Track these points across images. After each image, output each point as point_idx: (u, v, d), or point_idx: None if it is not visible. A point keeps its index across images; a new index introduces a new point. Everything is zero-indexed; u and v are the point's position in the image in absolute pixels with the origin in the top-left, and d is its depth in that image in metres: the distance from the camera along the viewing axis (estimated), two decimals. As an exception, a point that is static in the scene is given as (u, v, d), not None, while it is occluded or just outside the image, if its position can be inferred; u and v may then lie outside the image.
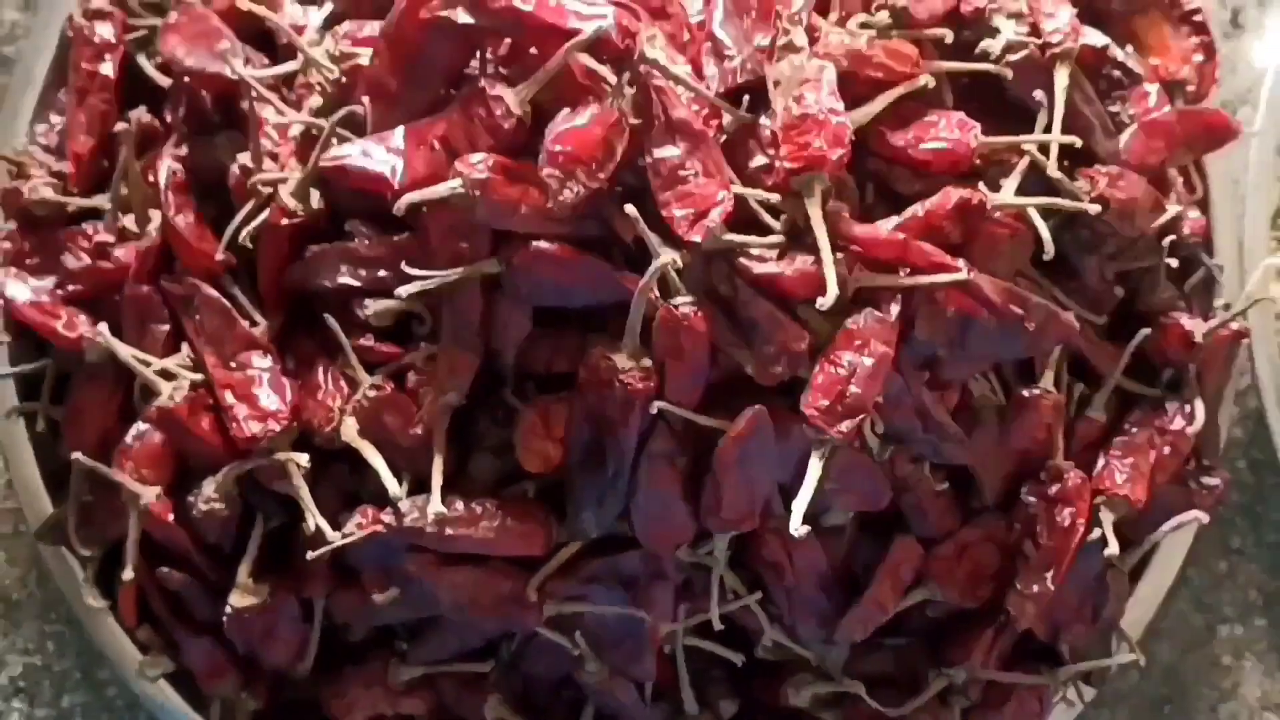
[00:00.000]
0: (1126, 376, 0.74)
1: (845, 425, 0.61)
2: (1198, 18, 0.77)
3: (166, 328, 0.69)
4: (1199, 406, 0.75)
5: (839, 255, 0.61)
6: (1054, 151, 0.67)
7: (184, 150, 0.71)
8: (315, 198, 0.67)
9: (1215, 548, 0.86)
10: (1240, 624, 0.87)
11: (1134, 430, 0.73)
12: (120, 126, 0.70)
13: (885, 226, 0.64)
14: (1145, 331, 0.73)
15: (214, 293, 0.68)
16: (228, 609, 0.68)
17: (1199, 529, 0.78)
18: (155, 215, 0.70)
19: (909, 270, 0.63)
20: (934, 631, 0.73)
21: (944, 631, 0.73)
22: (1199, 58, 0.77)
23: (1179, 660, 0.86)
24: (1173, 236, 0.73)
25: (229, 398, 0.66)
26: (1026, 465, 0.71)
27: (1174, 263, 0.74)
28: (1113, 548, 0.69)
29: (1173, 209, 0.72)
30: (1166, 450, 0.74)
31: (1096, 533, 0.70)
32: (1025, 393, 0.70)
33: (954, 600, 0.71)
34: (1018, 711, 0.74)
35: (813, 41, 0.65)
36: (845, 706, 0.72)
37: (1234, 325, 0.77)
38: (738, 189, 0.62)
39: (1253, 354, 0.81)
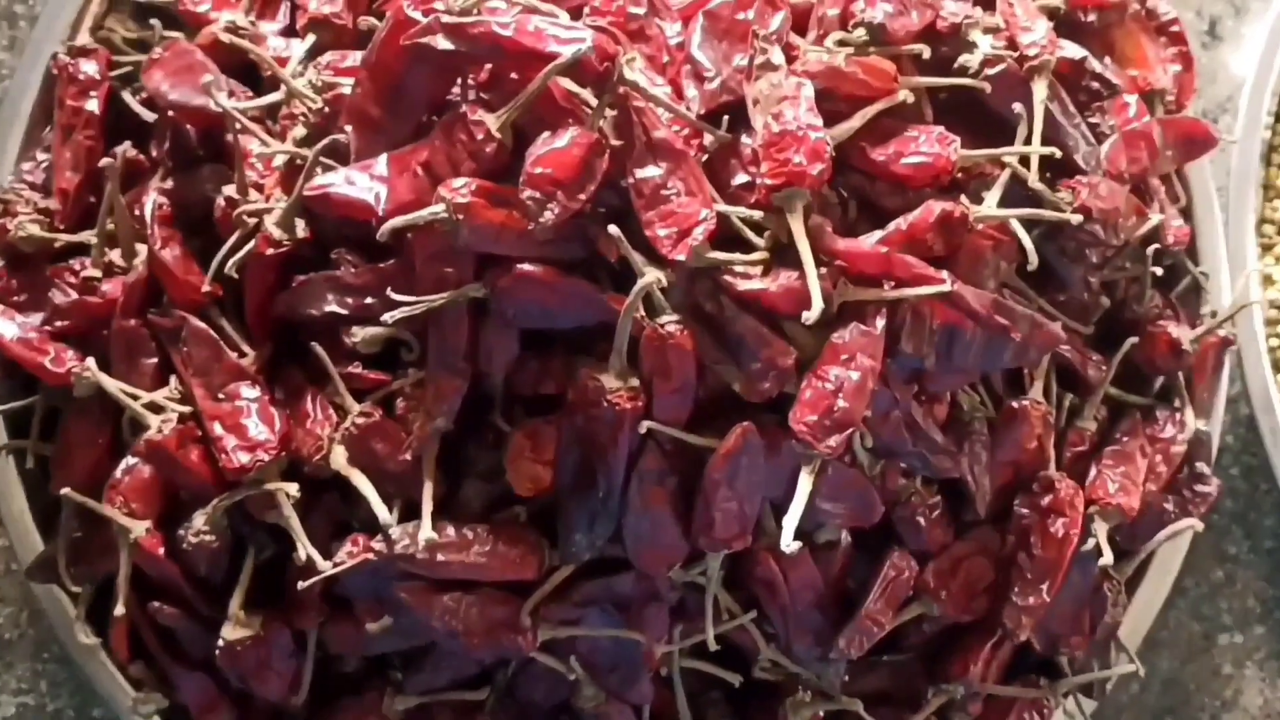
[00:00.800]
0: (1116, 385, 0.74)
1: (834, 440, 0.61)
2: (1175, 29, 0.78)
3: (154, 361, 0.69)
4: (1189, 414, 0.75)
5: (823, 270, 0.61)
6: (1034, 163, 0.67)
7: (169, 184, 0.71)
8: (300, 227, 0.67)
9: (1211, 556, 0.86)
10: (1239, 632, 0.86)
11: (1125, 439, 0.73)
12: (105, 162, 0.70)
13: (868, 240, 0.64)
14: (1133, 340, 0.73)
15: (201, 324, 0.68)
16: (220, 642, 0.68)
17: (1194, 537, 0.78)
18: (141, 249, 0.70)
19: (893, 284, 0.63)
20: (931, 646, 0.72)
21: (941, 646, 0.72)
22: (1177, 68, 0.78)
23: (1179, 670, 0.86)
24: (1157, 245, 0.73)
25: (218, 429, 0.66)
26: (1018, 476, 0.71)
27: (1159, 271, 0.74)
28: (1107, 557, 0.69)
29: (1155, 217, 0.72)
30: (1158, 458, 0.74)
31: (1090, 543, 0.70)
32: (1015, 404, 0.70)
33: (950, 614, 0.70)
34: (1018, 725, 0.74)
35: (791, 61, 0.65)
36: (845, 725, 0.72)
37: (1221, 332, 0.77)
38: (720, 207, 0.62)
39: (1242, 360, 0.81)
